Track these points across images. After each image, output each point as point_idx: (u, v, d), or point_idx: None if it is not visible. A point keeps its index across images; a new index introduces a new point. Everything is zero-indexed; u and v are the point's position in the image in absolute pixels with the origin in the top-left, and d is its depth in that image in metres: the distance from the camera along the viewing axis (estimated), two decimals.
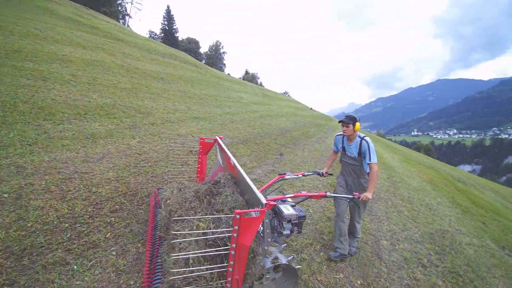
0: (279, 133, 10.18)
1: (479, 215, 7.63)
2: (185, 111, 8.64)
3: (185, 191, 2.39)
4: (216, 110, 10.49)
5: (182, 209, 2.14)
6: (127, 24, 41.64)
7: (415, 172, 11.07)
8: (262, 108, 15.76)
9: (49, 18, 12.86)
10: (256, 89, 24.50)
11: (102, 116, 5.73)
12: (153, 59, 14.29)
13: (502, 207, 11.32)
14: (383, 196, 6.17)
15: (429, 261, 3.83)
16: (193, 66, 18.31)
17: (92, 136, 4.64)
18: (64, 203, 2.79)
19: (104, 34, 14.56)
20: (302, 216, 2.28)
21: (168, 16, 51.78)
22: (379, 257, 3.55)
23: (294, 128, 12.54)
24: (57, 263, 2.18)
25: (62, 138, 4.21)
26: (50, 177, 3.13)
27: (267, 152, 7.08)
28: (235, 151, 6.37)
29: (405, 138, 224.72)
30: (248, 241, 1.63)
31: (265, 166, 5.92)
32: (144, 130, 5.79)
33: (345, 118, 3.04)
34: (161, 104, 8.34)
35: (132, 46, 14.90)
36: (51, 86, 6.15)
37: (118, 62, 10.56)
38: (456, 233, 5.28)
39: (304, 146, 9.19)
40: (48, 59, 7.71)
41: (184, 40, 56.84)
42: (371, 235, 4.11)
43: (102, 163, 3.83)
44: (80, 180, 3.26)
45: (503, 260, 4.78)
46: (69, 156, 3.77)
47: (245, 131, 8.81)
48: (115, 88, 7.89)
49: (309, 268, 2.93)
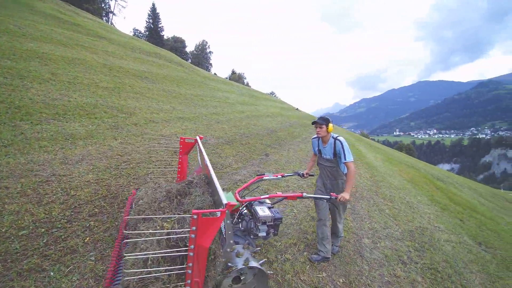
0: (265, 133, 10.21)
1: (457, 212, 7.91)
2: (169, 111, 8.52)
3: (158, 191, 2.37)
4: (202, 110, 10.41)
5: (150, 209, 2.12)
6: (111, 21, 40.65)
7: (397, 171, 11.36)
8: (248, 108, 15.76)
9: (29, 15, 12.37)
10: (242, 89, 24.47)
11: (82, 116, 5.57)
12: (137, 58, 14.03)
13: (479, 204, 11.78)
14: (365, 195, 6.30)
15: (409, 258, 3.95)
16: (178, 66, 18.09)
17: (72, 137, 4.50)
18: (40, 207, 2.70)
19: (86, 32, 14.15)
20: (278, 218, 2.27)
21: (153, 14, 50.88)
22: (361, 255, 3.63)
23: (280, 128, 12.61)
24: (33, 269, 2.10)
25: (39, 139, 4.06)
26: (26, 180, 3.02)
27: (252, 152, 7.09)
28: (221, 152, 6.35)
29: (388, 138, 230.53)
30: (207, 242, 1.59)
31: (250, 167, 5.92)
32: (127, 131, 5.68)
33: (318, 119, 3.05)
34: (144, 104, 8.20)
35: (116, 44, 14.57)
36: (29, 85, 5.93)
37: (100, 61, 10.30)
38: (435, 230, 5.46)
39: (289, 146, 9.26)
40: (26, 57, 7.43)
41: (170, 38, 56.02)
42: (353, 233, 4.19)
43: (82, 165, 3.73)
44: (58, 183, 3.16)
45: (480, 256, 4.97)
46: (46, 158, 3.64)
47: (231, 131, 8.79)
48: (97, 87, 7.69)
49: (292, 268, 2.96)
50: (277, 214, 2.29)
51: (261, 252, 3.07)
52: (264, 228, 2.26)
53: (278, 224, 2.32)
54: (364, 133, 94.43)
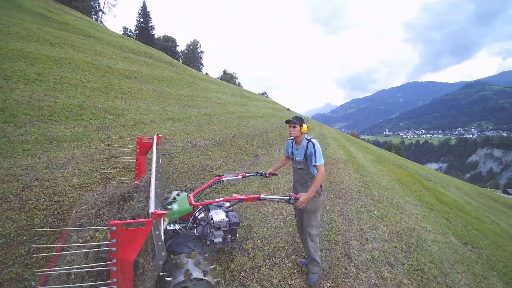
0: (255, 134, 10.21)
1: (444, 212, 8.06)
2: (159, 112, 8.44)
3: (101, 196, 2.20)
4: (192, 111, 10.34)
5: (88, 216, 1.96)
6: (100, 20, 39.93)
7: (385, 172, 11.52)
8: (239, 109, 15.73)
9: (16, 13, 12.06)
10: (234, 90, 24.42)
11: (68, 118, 5.46)
12: (127, 57, 13.84)
13: (465, 203, 12.04)
14: (354, 196, 6.36)
15: (396, 260, 4.00)
16: (169, 65, 17.92)
17: (57, 140, 4.41)
18: (22, 214, 2.63)
19: (74, 30, 13.89)
20: (235, 223, 2.17)
21: (143, 12, 50.22)
22: (349, 258, 3.66)
23: (270, 129, 12.64)
24: (14, 279, 2.05)
25: (23, 142, 3.96)
26: (9, 186, 2.94)
27: (243, 154, 7.08)
28: (210, 154, 6.32)
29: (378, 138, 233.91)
30: (131, 255, 1.46)
31: (240, 169, 5.91)
32: (114, 133, 5.59)
33: (292, 118, 2.94)
34: (133, 104, 8.09)
35: (105, 43, 14.33)
36: (14, 86, 5.78)
37: (88, 60, 10.12)
38: (422, 231, 5.55)
39: (280, 147, 9.28)
40: (12, 56, 7.25)
41: (161, 38, 55.41)
42: (342, 236, 4.22)
43: (66, 169, 3.65)
44: (41, 188, 3.09)
45: (465, 256, 5.08)
46: (30, 162, 3.56)
47: (222, 132, 8.76)
48: (84, 87, 7.56)
49: (280, 273, 2.96)
50: (233, 219, 2.19)
51: (248, 257, 3.06)
52: (220, 234, 2.16)
53: (235, 229, 2.21)
54: (355, 133, 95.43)
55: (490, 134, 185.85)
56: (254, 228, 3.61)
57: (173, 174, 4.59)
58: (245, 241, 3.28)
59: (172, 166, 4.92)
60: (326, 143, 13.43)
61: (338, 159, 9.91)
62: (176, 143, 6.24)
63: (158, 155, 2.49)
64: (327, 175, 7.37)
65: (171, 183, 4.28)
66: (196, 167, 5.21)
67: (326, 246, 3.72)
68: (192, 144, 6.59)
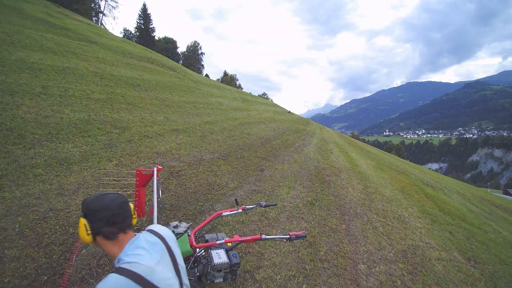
0: (259, 143, 10.24)
1: (447, 223, 8.12)
2: (163, 123, 8.47)
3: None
4: (195, 120, 10.38)
5: (90, 266, 1.99)
6: (101, 22, 39.90)
7: (388, 180, 11.56)
8: (241, 114, 15.77)
9: (17, 19, 12.07)
10: (235, 93, 24.43)
11: (75, 135, 5.50)
12: (129, 64, 13.85)
13: (467, 211, 12.09)
14: (359, 212, 6.40)
15: (402, 283, 4.04)
16: (170, 70, 17.94)
17: (66, 161, 4.44)
18: (40, 250, 2.66)
19: (76, 36, 13.91)
20: (236, 264, 2.17)
21: (144, 14, 50.20)
22: (357, 284, 3.70)
23: (273, 136, 12.67)
24: None
25: (34, 167, 3.99)
26: (24, 218, 2.97)
27: (247, 168, 7.11)
28: (217, 169, 6.34)
29: (378, 138, 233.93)
30: None
31: (246, 185, 5.94)
32: (121, 150, 5.62)
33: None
34: (138, 115, 8.12)
35: (107, 49, 14.35)
36: (20, 102, 5.81)
37: (91, 69, 10.15)
38: (426, 248, 5.60)
39: (283, 157, 9.32)
40: (16, 68, 7.28)
41: (161, 39, 55.41)
42: (349, 259, 4.26)
43: (78, 196, 3.68)
44: (56, 219, 3.12)
45: (469, 274, 5.13)
46: (42, 189, 3.59)
47: (225, 143, 8.79)
48: (89, 99, 7.59)
49: None
50: (234, 259, 2.19)
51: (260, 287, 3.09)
52: (221, 275, 2.16)
53: (235, 270, 2.21)
54: (355, 134, 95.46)
55: (491, 133, 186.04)
56: (265, 255, 3.64)
57: (182, 196, 4.62)
58: (256, 270, 3.31)
59: (180, 186, 4.95)
60: (328, 150, 13.47)
61: (341, 168, 9.95)
62: (182, 159, 6.27)
63: (158, 187, 2.47)
64: (330, 188, 7.42)
65: (180, 206, 4.31)
66: (203, 186, 5.24)
67: (335, 272, 3.75)
68: (197, 158, 6.62)
